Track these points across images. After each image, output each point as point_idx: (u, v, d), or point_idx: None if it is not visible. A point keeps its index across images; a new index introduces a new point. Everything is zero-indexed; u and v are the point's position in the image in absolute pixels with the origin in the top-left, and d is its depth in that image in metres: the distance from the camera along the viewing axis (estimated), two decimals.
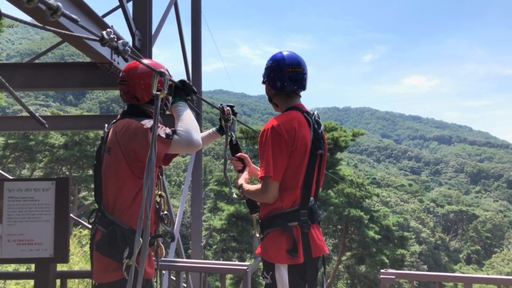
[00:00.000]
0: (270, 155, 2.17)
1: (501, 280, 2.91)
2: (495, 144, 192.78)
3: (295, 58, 2.34)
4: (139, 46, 3.91)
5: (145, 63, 1.79)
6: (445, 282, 2.98)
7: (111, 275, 2.09)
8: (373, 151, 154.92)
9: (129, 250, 2.04)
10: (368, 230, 19.92)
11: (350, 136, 19.72)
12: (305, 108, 2.38)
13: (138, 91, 2.22)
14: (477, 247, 56.69)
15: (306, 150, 2.22)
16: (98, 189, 2.25)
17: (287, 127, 2.17)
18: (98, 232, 2.17)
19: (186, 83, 2.17)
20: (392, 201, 55.77)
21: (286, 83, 2.30)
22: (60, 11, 0.99)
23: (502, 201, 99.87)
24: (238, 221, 19.20)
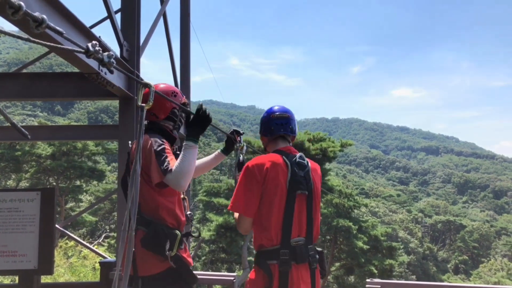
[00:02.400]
0: (241, 191, 2.37)
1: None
2: (481, 155, 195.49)
3: (282, 108, 2.66)
4: (127, 56, 3.92)
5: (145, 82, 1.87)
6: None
7: (159, 265, 2.37)
8: (362, 162, 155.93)
9: (170, 244, 2.36)
10: (357, 240, 19.97)
11: (338, 147, 19.83)
12: (291, 150, 2.54)
13: (156, 109, 2.52)
14: (464, 257, 57.07)
15: (278, 190, 2.33)
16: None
17: (260, 166, 2.35)
18: (139, 231, 2.40)
19: (200, 113, 2.35)
20: (380, 211, 56.03)
21: (273, 127, 2.56)
22: (45, 24, 1.01)
23: (489, 211, 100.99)
24: (227, 232, 19.09)
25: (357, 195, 23.54)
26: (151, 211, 2.45)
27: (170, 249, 2.35)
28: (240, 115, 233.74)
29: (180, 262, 2.40)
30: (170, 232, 2.39)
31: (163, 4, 5.39)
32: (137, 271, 2.41)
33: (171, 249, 2.36)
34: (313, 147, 18.73)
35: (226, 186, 27.39)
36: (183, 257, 2.45)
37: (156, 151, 2.34)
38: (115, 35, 3.79)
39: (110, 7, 3.71)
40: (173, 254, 2.36)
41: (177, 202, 2.56)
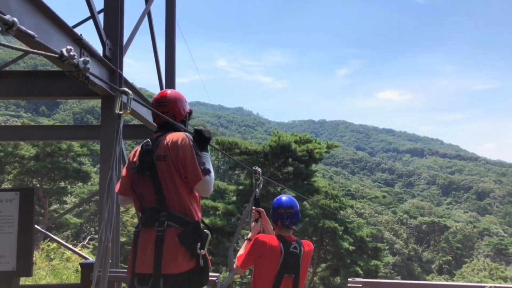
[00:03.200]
0: (247, 251, 2.98)
1: (464, 287, 3.00)
2: (465, 157, 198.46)
3: (289, 202, 3.18)
4: (109, 55, 3.89)
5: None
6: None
7: (187, 264, 2.43)
8: (348, 163, 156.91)
9: (201, 243, 2.48)
10: (343, 241, 20.09)
11: (324, 148, 19.96)
12: (291, 239, 3.05)
13: (176, 111, 2.76)
14: (448, 257, 57.83)
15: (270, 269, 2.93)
16: (159, 193, 2.53)
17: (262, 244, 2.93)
18: (171, 229, 2.44)
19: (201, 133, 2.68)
20: (366, 212, 56.45)
21: (280, 220, 3.11)
22: (15, 27, 0.99)
23: (472, 212, 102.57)
24: (213, 234, 18.96)
25: (343, 197, 23.71)
26: (182, 209, 2.51)
27: (202, 248, 2.46)
28: (228, 117, 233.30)
29: (206, 261, 2.52)
30: (203, 232, 2.54)
31: (147, 3, 5.36)
32: (159, 269, 2.37)
33: (203, 248, 2.47)
34: (299, 149, 18.82)
35: (213, 188, 27.38)
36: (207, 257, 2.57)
37: (196, 150, 2.54)
38: (97, 34, 3.76)
39: (92, 5, 3.68)
40: (203, 253, 2.47)
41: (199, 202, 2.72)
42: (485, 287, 2.90)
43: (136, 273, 2.44)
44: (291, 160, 19.94)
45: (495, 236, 66.53)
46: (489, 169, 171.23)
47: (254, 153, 19.33)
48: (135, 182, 2.61)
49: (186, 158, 2.49)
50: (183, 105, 2.82)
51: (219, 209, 19.57)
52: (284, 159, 19.66)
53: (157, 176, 2.53)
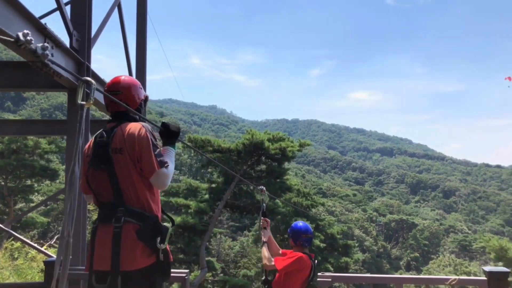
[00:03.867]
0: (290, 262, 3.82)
1: (428, 280, 3.08)
2: (433, 156, 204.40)
3: (307, 227, 4.26)
4: (77, 47, 3.78)
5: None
6: (377, 283, 3.16)
7: (146, 260, 2.35)
8: (320, 162, 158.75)
9: (161, 238, 2.39)
10: (314, 238, 20.29)
11: (297, 147, 20.10)
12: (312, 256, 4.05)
13: (130, 98, 2.60)
14: (416, 254, 59.45)
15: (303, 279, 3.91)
16: (116, 187, 2.43)
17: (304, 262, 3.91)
18: (128, 224, 2.35)
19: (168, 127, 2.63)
20: (337, 210, 57.27)
21: (302, 242, 4.14)
22: None
23: (439, 210, 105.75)
24: (185, 232, 18.87)
25: (314, 195, 23.94)
26: (140, 203, 2.41)
27: (162, 242, 2.37)
28: (201, 115, 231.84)
29: (167, 256, 2.43)
30: (164, 226, 2.43)
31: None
32: (118, 266, 2.29)
33: (162, 242, 2.37)
34: (272, 147, 18.89)
35: (185, 186, 27.10)
36: (168, 251, 2.47)
37: (153, 141, 2.42)
38: (64, 24, 3.64)
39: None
40: (164, 247, 2.38)
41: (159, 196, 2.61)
42: (449, 279, 2.98)
43: (94, 270, 2.35)
44: (264, 158, 19.99)
45: (460, 233, 68.84)
46: (455, 168, 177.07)
47: (227, 151, 19.26)
48: (91, 177, 2.51)
49: (141, 150, 2.39)
50: (137, 92, 2.67)
51: (191, 207, 19.41)
52: (257, 157, 19.69)
53: (113, 170, 2.43)
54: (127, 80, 2.70)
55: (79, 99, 1.70)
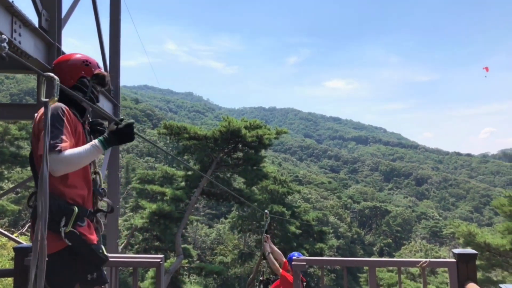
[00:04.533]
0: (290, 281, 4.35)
1: (400, 262, 3.16)
2: (406, 145, 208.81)
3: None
4: (46, 27, 3.63)
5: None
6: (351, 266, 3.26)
7: (56, 244, 2.17)
8: (296, 150, 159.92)
9: (66, 220, 2.17)
10: (290, 225, 20.53)
11: (273, 134, 20.12)
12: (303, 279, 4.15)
13: (60, 76, 2.25)
14: (388, 240, 60.95)
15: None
16: (35, 171, 2.33)
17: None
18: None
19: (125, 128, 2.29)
20: (312, 197, 57.95)
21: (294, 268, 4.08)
22: None
23: (411, 197, 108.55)
24: (161, 219, 18.74)
25: (291, 182, 24.14)
26: (50, 186, 2.23)
27: (65, 226, 2.18)
28: (177, 102, 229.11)
29: (76, 240, 2.20)
30: (67, 207, 2.20)
31: None
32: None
33: (66, 225, 2.18)
34: (249, 134, 18.86)
35: (161, 174, 26.86)
36: (82, 234, 2.24)
37: (52, 119, 2.16)
38: (32, 3, 3.49)
39: None
40: (68, 231, 2.17)
41: (82, 176, 2.36)
42: (420, 262, 3.06)
43: None
44: (241, 146, 19.95)
45: (431, 219, 70.87)
46: (428, 156, 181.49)
47: (203, 138, 19.12)
48: None
49: (40, 131, 2.21)
50: (70, 70, 2.42)
51: (167, 195, 19.28)
52: (234, 144, 19.63)
53: (31, 154, 2.37)
54: (62, 57, 2.50)
55: (42, 96, 1.57)
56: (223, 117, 20.54)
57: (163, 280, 3.18)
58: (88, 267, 2.30)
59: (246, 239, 32.18)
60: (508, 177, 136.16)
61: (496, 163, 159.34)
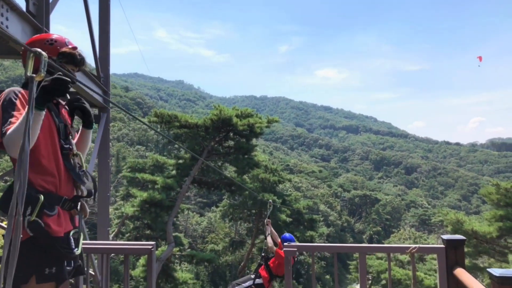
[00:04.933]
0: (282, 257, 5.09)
1: (390, 248, 3.20)
2: (396, 134, 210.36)
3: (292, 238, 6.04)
4: (34, 11, 3.55)
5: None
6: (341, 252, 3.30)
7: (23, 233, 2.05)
8: (287, 139, 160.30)
9: (31, 209, 2.06)
10: (281, 213, 20.65)
11: (265, 123, 20.11)
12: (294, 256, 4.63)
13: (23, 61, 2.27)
14: (378, 228, 61.70)
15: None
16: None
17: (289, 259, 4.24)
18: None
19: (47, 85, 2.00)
20: (303, 186, 58.30)
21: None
22: None
23: (400, 186, 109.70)
24: (152, 208, 18.71)
25: (282, 171, 24.21)
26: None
27: (30, 215, 2.05)
28: (168, 90, 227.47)
29: (38, 230, 2.07)
30: (33, 195, 2.08)
31: None
32: None
33: (31, 215, 2.05)
34: (240, 123, 18.82)
35: (152, 162, 26.75)
36: (47, 224, 2.11)
37: (3, 106, 2.07)
38: None
39: None
40: (32, 220, 2.04)
41: (54, 162, 2.23)
42: (409, 248, 3.10)
43: None
44: (232, 134, 19.92)
45: (420, 207, 71.80)
46: (418, 145, 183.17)
47: (194, 126, 19.04)
48: None
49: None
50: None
51: (158, 183, 19.23)
52: (225, 133, 19.59)
53: None
54: (31, 38, 2.39)
55: (28, 71, 1.53)
56: (214, 105, 20.45)
57: (154, 267, 3.19)
58: (47, 260, 2.14)
59: (237, 227, 32.33)
60: (496, 166, 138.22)
61: (485, 152, 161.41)
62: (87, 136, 2.57)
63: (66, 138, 2.34)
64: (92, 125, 2.55)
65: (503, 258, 13.72)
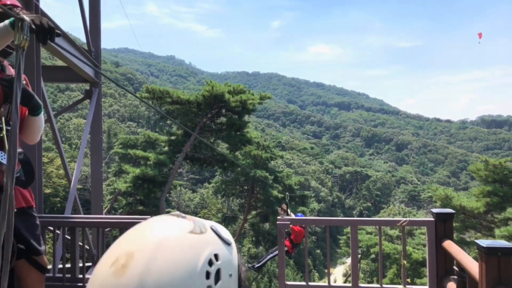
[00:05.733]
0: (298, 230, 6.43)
1: (381, 222, 3.27)
2: (388, 111, 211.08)
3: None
4: None
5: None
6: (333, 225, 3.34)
7: None
8: (280, 116, 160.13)
9: None
10: (272, 189, 20.84)
11: (257, 99, 20.05)
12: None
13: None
14: (368, 203, 62.65)
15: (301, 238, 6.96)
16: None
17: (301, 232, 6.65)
18: None
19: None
20: (295, 163, 58.69)
21: None
22: None
23: (391, 163, 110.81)
24: (145, 184, 18.78)
25: (274, 148, 24.30)
26: None
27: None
28: (159, 66, 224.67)
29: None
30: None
31: None
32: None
33: None
34: (233, 99, 18.75)
35: (144, 139, 26.67)
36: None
37: None
38: None
39: None
40: None
41: None
42: (400, 221, 3.18)
43: None
44: (224, 111, 19.86)
45: (410, 184, 72.81)
46: (409, 122, 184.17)
47: (186, 102, 18.93)
48: None
49: None
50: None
51: (151, 159, 19.23)
52: (217, 109, 19.52)
53: None
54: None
55: (16, 40, 1.47)
56: (206, 81, 20.29)
57: None
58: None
59: (229, 203, 32.62)
60: (485, 143, 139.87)
61: (475, 129, 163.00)
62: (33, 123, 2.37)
63: None
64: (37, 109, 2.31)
65: (489, 232, 14.07)
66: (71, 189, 5.08)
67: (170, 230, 0.60)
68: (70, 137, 45.02)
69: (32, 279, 2.36)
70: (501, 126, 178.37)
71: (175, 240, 0.58)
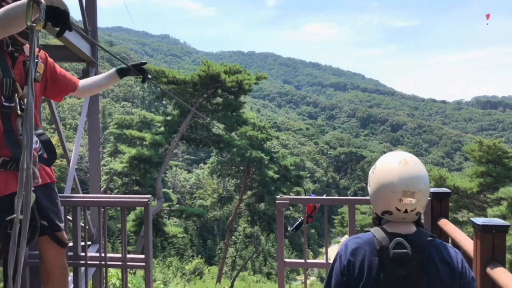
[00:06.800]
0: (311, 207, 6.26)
1: None
2: (383, 91, 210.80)
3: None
4: None
5: None
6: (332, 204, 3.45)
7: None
8: (275, 97, 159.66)
9: None
10: (268, 170, 20.97)
11: (253, 80, 19.98)
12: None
13: None
14: (362, 184, 63.21)
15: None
16: None
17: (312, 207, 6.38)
18: None
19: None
20: (290, 143, 58.88)
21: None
22: None
23: (386, 143, 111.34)
24: (141, 164, 18.81)
25: (269, 128, 24.34)
26: None
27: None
28: (153, 45, 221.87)
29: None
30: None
31: None
32: None
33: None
34: (229, 79, 18.65)
35: (139, 119, 26.58)
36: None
37: None
38: None
39: None
40: None
41: None
42: None
43: None
44: (220, 91, 19.79)
45: None
46: (404, 103, 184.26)
47: (182, 82, 18.83)
48: None
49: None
50: None
51: (146, 140, 19.23)
52: (213, 89, 19.44)
53: None
54: None
55: (28, 21, 1.44)
56: (202, 61, 20.13)
57: (151, 219, 3.28)
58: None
59: (225, 183, 32.81)
60: (480, 124, 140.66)
61: (469, 110, 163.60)
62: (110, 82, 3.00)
63: (11, 95, 2.13)
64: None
65: (482, 212, 14.29)
66: (70, 169, 5.10)
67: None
68: (64, 117, 44.72)
69: (53, 253, 2.45)
70: (496, 107, 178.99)
71: None
